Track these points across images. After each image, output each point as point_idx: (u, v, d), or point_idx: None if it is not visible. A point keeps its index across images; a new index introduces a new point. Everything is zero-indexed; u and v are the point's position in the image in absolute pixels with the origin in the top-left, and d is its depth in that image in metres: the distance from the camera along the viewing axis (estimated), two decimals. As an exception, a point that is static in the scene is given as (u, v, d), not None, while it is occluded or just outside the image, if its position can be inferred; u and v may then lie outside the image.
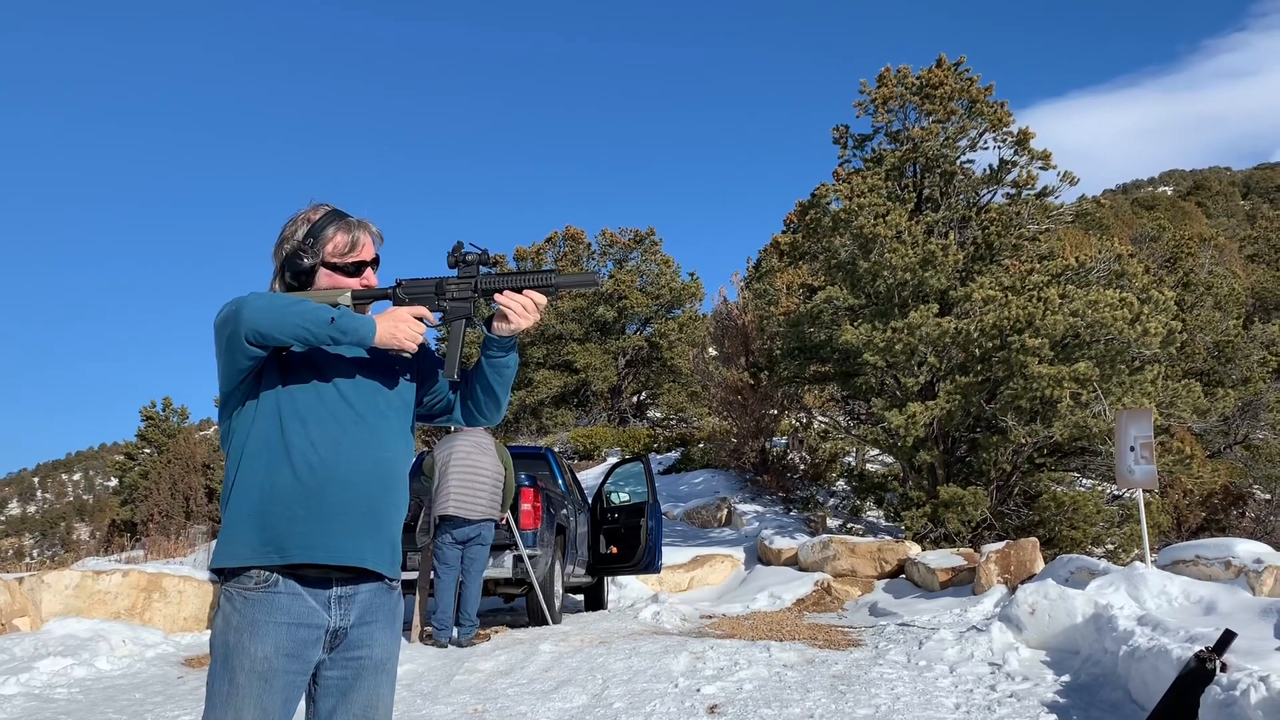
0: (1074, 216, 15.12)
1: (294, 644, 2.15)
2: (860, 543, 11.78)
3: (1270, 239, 38.87)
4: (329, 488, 2.18)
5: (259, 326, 2.12)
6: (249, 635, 2.12)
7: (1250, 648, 4.97)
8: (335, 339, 2.17)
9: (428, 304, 2.34)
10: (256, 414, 2.24)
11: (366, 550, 2.21)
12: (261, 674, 2.11)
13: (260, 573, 2.15)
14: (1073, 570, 8.30)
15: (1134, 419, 8.49)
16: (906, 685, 5.72)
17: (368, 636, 2.25)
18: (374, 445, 2.26)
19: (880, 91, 14.26)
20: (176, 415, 36.09)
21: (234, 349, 2.17)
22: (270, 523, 2.16)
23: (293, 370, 2.26)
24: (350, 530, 2.19)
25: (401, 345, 2.25)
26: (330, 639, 2.21)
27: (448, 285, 2.36)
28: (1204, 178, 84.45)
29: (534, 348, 31.01)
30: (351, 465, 2.21)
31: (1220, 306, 20.28)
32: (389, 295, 2.37)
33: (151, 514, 24.28)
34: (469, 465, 7.71)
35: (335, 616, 2.21)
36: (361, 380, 2.31)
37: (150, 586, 8.64)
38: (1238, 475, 16.77)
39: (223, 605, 2.18)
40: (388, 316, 2.26)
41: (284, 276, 2.34)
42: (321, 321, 2.14)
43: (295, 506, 2.16)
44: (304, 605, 2.17)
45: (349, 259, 2.35)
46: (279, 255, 2.36)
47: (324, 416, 2.23)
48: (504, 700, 5.55)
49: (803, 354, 14.56)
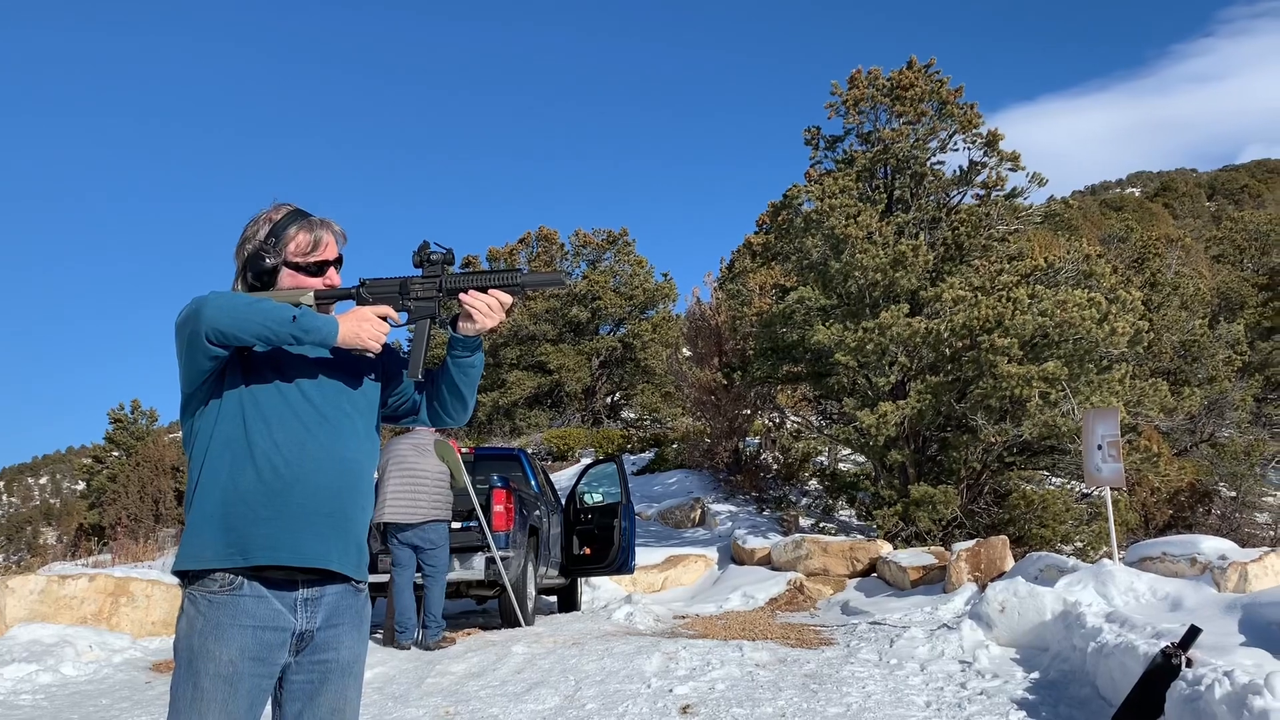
0: (1043, 217, 15.25)
1: (259, 647, 2.12)
2: (832, 542, 11.83)
3: (1235, 240, 39.39)
4: (293, 489, 2.16)
5: (220, 326, 2.10)
6: (213, 639, 2.10)
7: (1215, 643, 5.03)
8: (297, 338, 2.15)
9: (392, 304, 2.33)
10: (219, 415, 2.21)
11: (332, 552, 2.20)
12: (226, 678, 2.09)
13: (224, 575, 2.13)
14: (1042, 568, 8.37)
15: (1101, 418, 8.57)
16: (878, 683, 5.75)
17: (335, 639, 2.23)
18: (338, 446, 2.24)
19: (851, 93, 14.33)
20: (145, 418, 35.77)
21: (195, 349, 2.14)
22: (234, 524, 2.14)
23: (255, 371, 2.24)
24: (315, 532, 2.17)
25: (365, 345, 2.23)
26: (296, 642, 2.19)
27: (412, 285, 2.35)
28: (1171, 179, 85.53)
29: (507, 349, 30.95)
30: (316, 466, 2.19)
31: (1186, 306, 20.54)
32: (352, 295, 2.35)
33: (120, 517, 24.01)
34: (407, 468, 7.67)
35: (302, 619, 2.19)
36: (325, 380, 2.29)
37: (118, 591, 8.53)
38: (1204, 473, 16.98)
39: (186, 609, 2.15)
40: (351, 316, 2.24)
41: (246, 277, 2.32)
42: (283, 321, 2.12)
43: (259, 508, 2.14)
44: (269, 608, 2.14)
45: (311, 258, 2.33)
46: (241, 255, 2.33)
47: (288, 417, 2.21)
48: (476, 702, 5.52)
49: (775, 354, 14.61)
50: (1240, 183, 79.38)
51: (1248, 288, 32.12)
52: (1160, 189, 78.36)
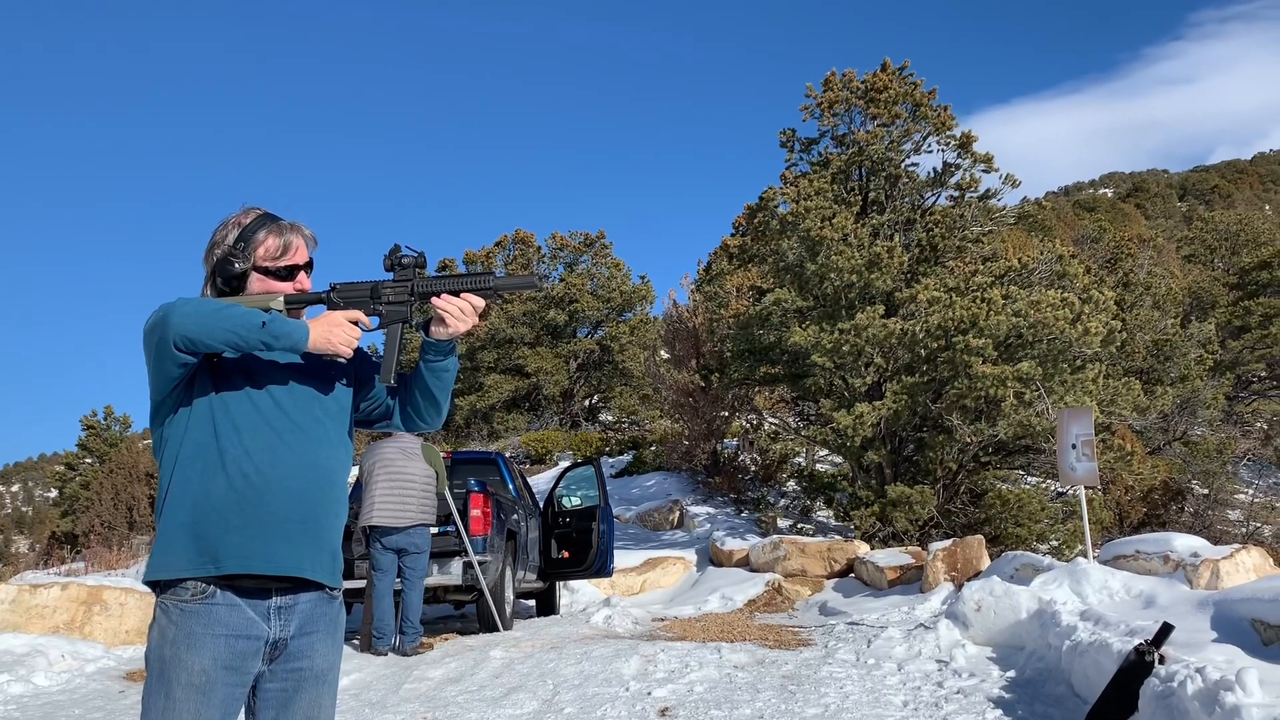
0: (1016, 218, 15.38)
1: (232, 656, 2.11)
2: (810, 543, 11.87)
3: (1205, 240, 39.85)
4: (265, 497, 2.15)
5: (187, 332, 2.08)
6: (185, 648, 2.08)
7: (1188, 640, 5.07)
8: (267, 344, 2.13)
9: (363, 308, 2.31)
10: (190, 422, 2.20)
11: (305, 559, 2.18)
12: (199, 687, 2.07)
13: (196, 584, 2.11)
14: (1017, 567, 8.42)
15: (1075, 417, 8.64)
16: (855, 684, 5.77)
17: (308, 647, 2.22)
18: (310, 452, 2.23)
19: (826, 96, 14.38)
20: (119, 424, 35.40)
21: (163, 356, 2.12)
22: (205, 533, 2.12)
23: (226, 377, 2.22)
24: (288, 539, 2.16)
25: (336, 350, 2.22)
26: (270, 650, 2.18)
27: (384, 289, 2.33)
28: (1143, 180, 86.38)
29: (484, 352, 30.86)
30: (288, 473, 2.18)
31: (1159, 306, 20.74)
32: (323, 300, 2.32)
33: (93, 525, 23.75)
34: (395, 472, 7.62)
35: (275, 627, 2.17)
36: (296, 386, 2.27)
37: (90, 599, 8.44)
38: (1177, 471, 17.14)
39: (158, 618, 2.14)
40: (322, 321, 2.22)
41: (215, 282, 2.30)
42: (252, 326, 2.11)
43: (231, 516, 2.13)
44: (242, 616, 2.13)
45: (281, 263, 2.31)
46: (209, 260, 2.31)
47: (259, 424, 2.20)
48: (454, 708, 5.50)
49: (752, 356, 14.64)
50: (1211, 183, 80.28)
51: (1218, 287, 32.48)
52: (1132, 190, 79.12)
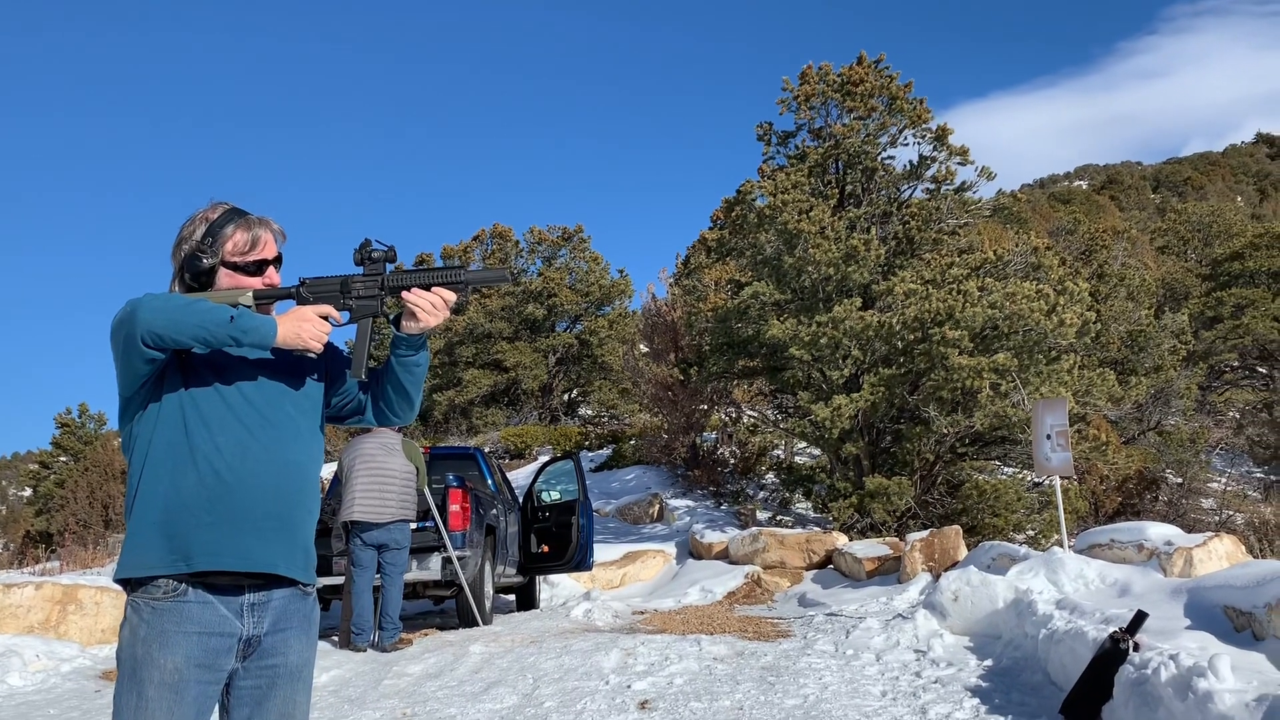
0: (992, 211, 15.47)
1: (205, 653, 2.10)
2: (789, 534, 11.91)
3: (1179, 231, 40.25)
4: (236, 493, 2.13)
5: (155, 328, 2.06)
6: (158, 646, 2.06)
7: (1162, 627, 5.12)
8: (236, 339, 2.12)
9: (333, 303, 2.29)
10: (159, 419, 2.18)
11: (277, 555, 2.17)
12: (172, 685, 2.06)
13: (168, 582, 2.09)
14: (994, 557, 8.47)
15: (1050, 408, 8.70)
16: (834, 674, 5.79)
17: (282, 644, 2.21)
18: (282, 448, 2.21)
19: (803, 89, 14.41)
20: (94, 422, 35.09)
21: (130, 352, 2.10)
22: (176, 530, 2.10)
23: (195, 373, 2.20)
24: (260, 535, 2.15)
25: (306, 345, 2.20)
26: (244, 647, 2.16)
27: (353, 283, 2.31)
28: (1117, 172, 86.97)
29: (463, 347, 30.76)
30: (259, 469, 2.17)
31: (1133, 297, 20.92)
32: (292, 294, 2.31)
33: (68, 524, 23.54)
34: (376, 467, 7.58)
35: (248, 624, 2.16)
36: (266, 382, 2.25)
37: (65, 599, 8.37)
38: (1151, 460, 17.31)
39: (129, 616, 2.12)
40: (291, 316, 2.20)
41: (183, 278, 2.28)
42: (220, 321, 2.09)
43: (202, 513, 2.11)
44: (215, 614, 2.12)
45: (250, 257, 2.29)
46: (177, 256, 2.29)
47: (229, 420, 2.18)
48: (433, 703, 5.49)
49: (731, 349, 14.67)
50: (1183, 175, 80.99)
51: (1191, 278, 32.84)
52: (1107, 182, 79.67)
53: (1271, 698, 3.61)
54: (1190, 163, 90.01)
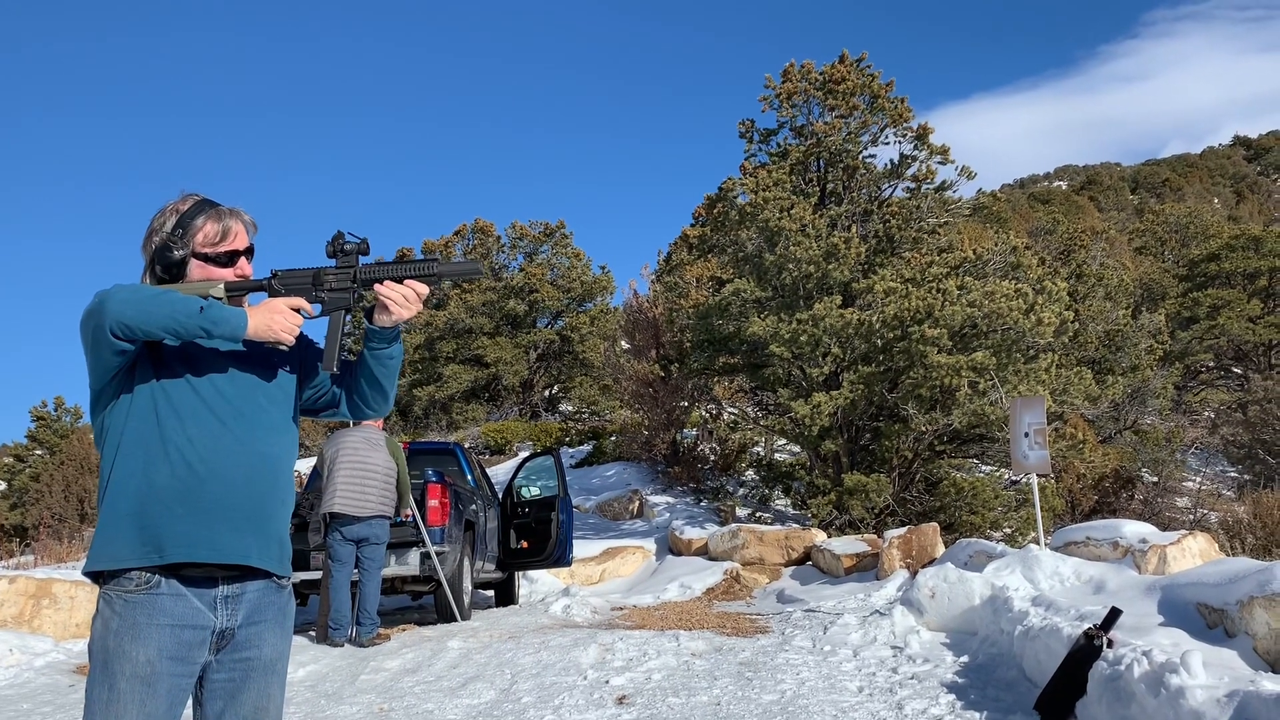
0: (972, 210, 15.52)
1: (178, 646, 2.08)
2: (768, 531, 11.94)
3: (1156, 232, 40.59)
4: (209, 484, 2.12)
5: (124, 319, 2.04)
6: (129, 639, 2.05)
7: (1135, 624, 5.17)
8: (207, 331, 2.10)
9: (305, 295, 2.28)
10: (130, 411, 2.16)
11: (251, 547, 2.16)
12: (144, 678, 2.04)
13: (141, 574, 2.08)
14: (971, 554, 8.53)
15: (1028, 406, 8.76)
16: (811, 670, 5.82)
17: (256, 636, 2.20)
18: (255, 440, 2.20)
19: (785, 87, 14.43)
20: (69, 415, 34.77)
21: (100, 344, 2.09)
22: (149, 522, 2.09)
23: (167, 365, 2.19)
24: (233, 527, 2.13)
25: (277, 337, 2.19)
26: (217, 640, 2.15)
27: (325, 275, 2.30)
28: (1096, 173, 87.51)
29: (443, 342, 30.68)
30: (232, 461, 2.16)
31: (1110, 297, 21.04)
32: (264, 286, 2.29)
33: (43, 517, 23.36)
34: (358, 461, 7.54)
35: (222, 617, 2.15)
36: (238, 374, 2.24)
37: (39, 593, 8.29)
38: (1127, 459, 17.44)
39: (101, 609, 2.10)
40: (262, 308, 2.19)
41: (154, 270, 2.26)
42: (190, 312, 2.07)
43: (175, 505, 2.10)
44: (188, 606, 2.10)
45: (221, 249, 2.27)
46: (148, 248, 2.27)
47: (201, 412, 2.17)
48: (410, 698, 5.48)
49: (712, 346, 14.69)
50: (1162, 176, 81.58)
51: (1168, 278, 33.11)
52: (1086, 182, 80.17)
53: (1242, 693, 3.65)
54: (1168, 164, 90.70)
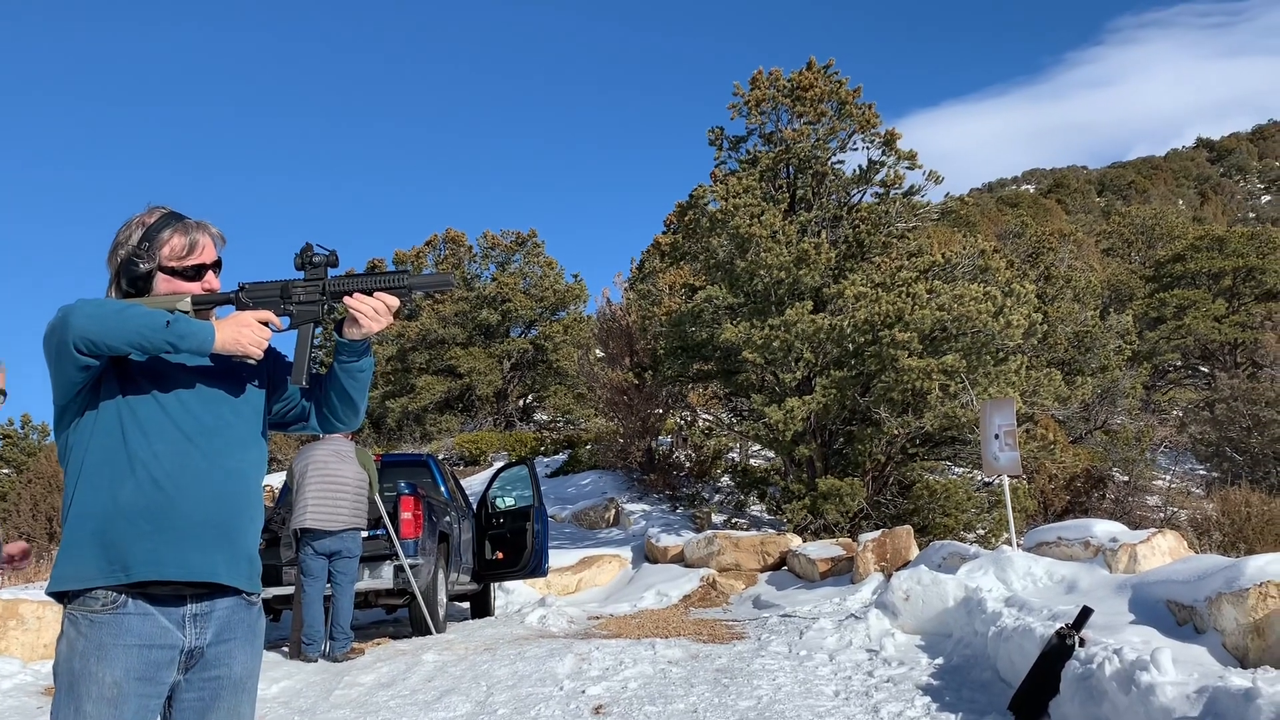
0: (940, 214, 15.64)
1: (146, 666, 2.05)
2: (744, 537, 11.96)
3: (1123, 234, 41.07)
4: (176, 501, 2.09)
5: (88, 334, 2.01)
6: (95, 660, 2.02)
7: (1107, 623, 5.22)
8: (173, 345, 2.07)
9: (273, 308, 2.25)
10: (95, 427, 2.13)
11: (219, 564, 2.13)
12: (111, 700, 2.01)
13: (107, 593, 2.05)
14: (945, 556, 8.57)
15: (998, 408, 8.83)
16: (788, 675, 5.83)
17: (226, 655, 2.17)
18: (222, 456, 2.18)
19: (753, 94, 14.50)
20: (36, 433, 34.31)
21: (64, 360, 2.06)
22: (114, 540, 2.06)
23: (132, 380, 2.16)
24: (201, 544, 2.11)
25: (245, 351, 2.15)
26: (186, 659, 2.13)
27: (294, 288, 2.27)
28: (1063, 176, 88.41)
29: (416, 353, 30.53)
30: (199, 477, 2.13)
31: (1079, 298, 21.25)
32: (232, 300, 2.26)
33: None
34: (328, 475, 7.47)
35: (191, 635, 2.12)
36: (205, 389, 2.22)
37: (6, 613, 8.17)
38: (1098, 459, 17.60)
39: (66, 630, 2.07)
40: (230, 321, 2.16)
41: (120, 284, 2.23)
42: (155, 327, 2.04)
43: (141, 523, 2.07)
44: (156, 625, 2.07)
45: (188, 262, 2.24)
46: (114, 262, 2.24)
47: (167, 428, 2.14)
48: (385, 713, 5.44)
49: (685, 353, 14.70)
50: (1128, 179, 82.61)
51: (1135, 279, 33.50)
52: (1053, 185, 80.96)
53: (1211, 689, 3.69)
54: (1134, 167, 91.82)
